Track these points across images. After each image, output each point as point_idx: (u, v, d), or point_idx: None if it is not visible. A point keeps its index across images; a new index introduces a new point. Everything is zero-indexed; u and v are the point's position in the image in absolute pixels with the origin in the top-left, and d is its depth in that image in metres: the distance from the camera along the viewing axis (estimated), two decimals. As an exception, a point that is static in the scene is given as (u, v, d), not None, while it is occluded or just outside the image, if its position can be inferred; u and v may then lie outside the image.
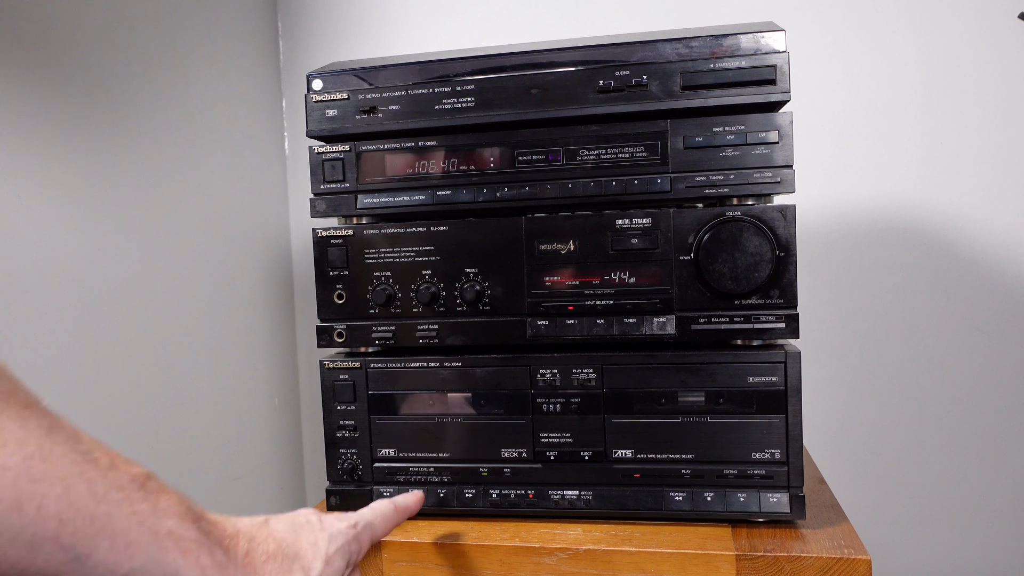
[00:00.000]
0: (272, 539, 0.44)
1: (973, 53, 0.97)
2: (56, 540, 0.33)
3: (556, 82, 0.63)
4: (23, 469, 0.32)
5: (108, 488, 0.35)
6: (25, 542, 0.32)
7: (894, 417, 1.03)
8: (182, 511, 0.38)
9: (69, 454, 0.34)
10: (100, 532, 0.34)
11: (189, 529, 0.38)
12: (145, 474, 0.38)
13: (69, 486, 0.33)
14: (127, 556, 0.35)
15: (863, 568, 0.56)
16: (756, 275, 0.59)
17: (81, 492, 0.34)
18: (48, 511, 0.32)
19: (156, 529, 0.37)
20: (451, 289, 0.65)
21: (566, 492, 0.65)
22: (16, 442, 0.32)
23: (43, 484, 0.32)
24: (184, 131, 0.92)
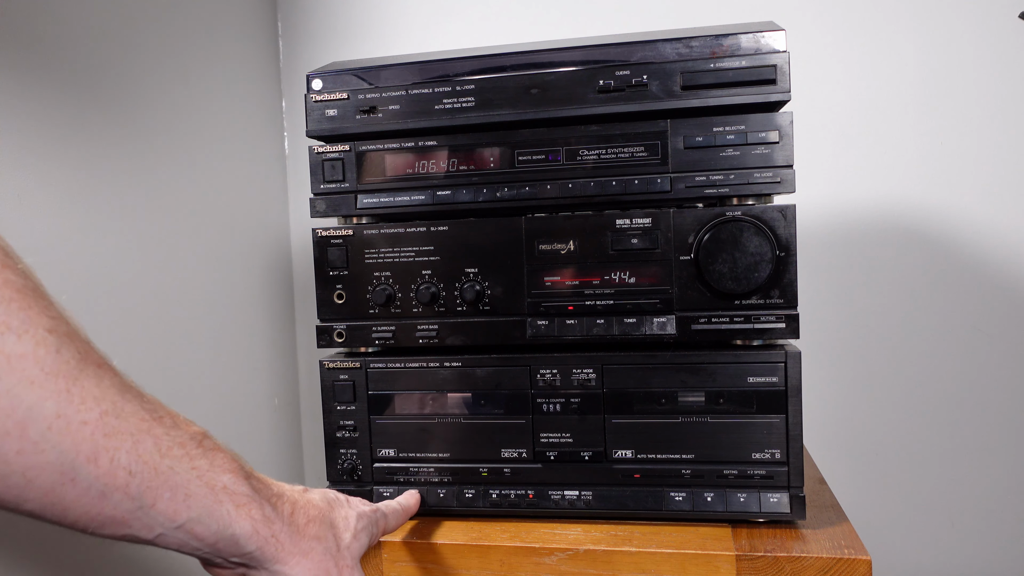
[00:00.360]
0: (312, 505, 0.47)
1: (973, 53, 0.97)
2: (125, 490, 0.35)
3: (556, 82, 0.63)
4: (99, 424, 0.34)
5: (171, 444, 0.38)
6: (98, 491, 0.34)
7: (894, 417, 1.03)
8: (235, 468, 0.42)
9: (138, 411, 0.37)
10: (163, 484, 0.37)
11: (242, 485, 0.41)
12: (202, 432, 0.41)
13: (138, 441, 0.36)
14: (185, 507, 0.38)
15: (863, 568, 0.56)
16: (756, 275, 0.59)
17: (148, 447, 0.37)
18: (120, 463, 0.35)
19: (212, 484, 0.40)
20: (451, 289, 0.65)
21: (566, 492, 0.64)
22: (93, 399, 0.34)
23: (116, 439, 0.35)
24: (184, 131, 0.92)
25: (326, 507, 0.49)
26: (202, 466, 0.39)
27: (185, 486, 0.38)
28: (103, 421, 0.34)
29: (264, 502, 0.43)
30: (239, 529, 0.41)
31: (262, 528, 0.42)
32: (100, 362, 0.36)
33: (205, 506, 0.39)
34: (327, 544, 0.46)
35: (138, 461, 0.36)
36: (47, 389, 0.32)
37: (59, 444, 0.33)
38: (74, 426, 0.33)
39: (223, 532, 0.40)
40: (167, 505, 0.37)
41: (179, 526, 0.39)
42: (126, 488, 0.35)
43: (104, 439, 0.34)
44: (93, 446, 0.34)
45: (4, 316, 0.31)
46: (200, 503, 0.39)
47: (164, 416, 0.39)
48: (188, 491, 0.38)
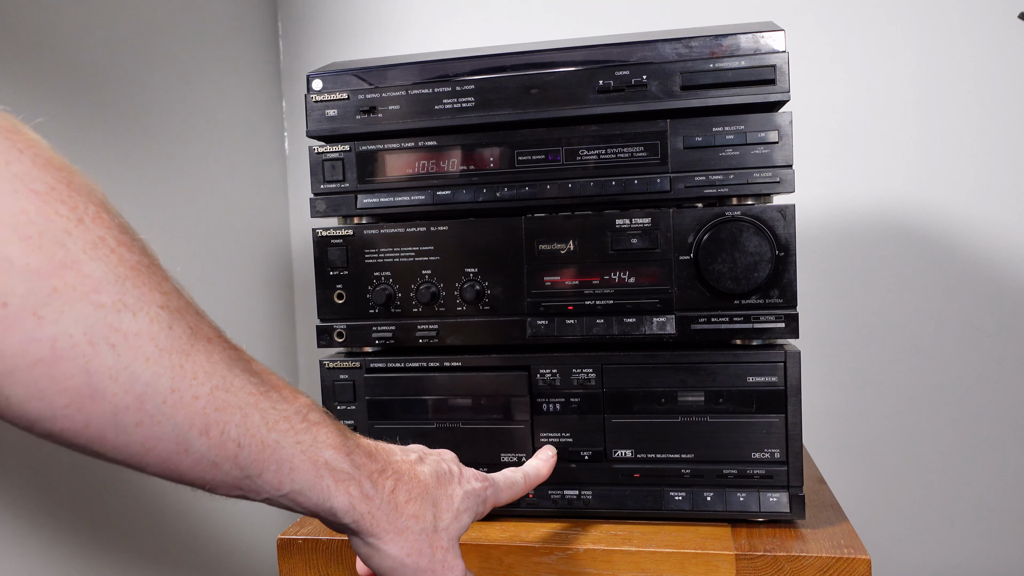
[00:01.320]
0: (417, 482, 0.47)
1: (973, 53, 0.97)
2: (234, 461, 0.37)
3: (556, 82, 0.63)
4: (210, 399, 0.36)
5: (277, 419, 0.39)
6: (210, 461, 0.36)
7: (894, 417, 1.03)
8: (338, 444, 0.43)
9: (246, 386, 0.38)
10: (269, 457, 0.39)
11: (343, 461, 0.42)
12: (308, 405, 0.42)
13: (246, 415, 0.37)
14: (289, 479, 0.40)
15: (863, 568, 0.56)
16: (756, 275, 0.59)
17: (256, 421, 0.38)
18: (229, 436, 0.37)
19: (315, 459, 0.41)
20: (451, 289, 0.65)
21: (566, 492, 0.65)
22: (204, 374, 0.35)
23: (226, 412, 0.36)
24: (184, 131, 0.92)
25: (433, 483, 0.48)
26: (305, 441, 0.41)
27: (290, 460, 0.40)
28: (213, 395, 0.36)
29: (364, 479, 0.43)
30: (337, 503, 0.42)
31: (359, 504, 0.43)
32: (210, 336, 0.37)
33: (307, 480, 0.41)
34: (424, 523, 0.46)
35: (246, 434, 0.37)
36: (162, 365, 0.33)
37: (174, 417, 0.34)
38: (187, 400, 0.34)
39: (323, 504, 0.42)
40: (273, 476, 0.39)
41: (284, 495, 0.40)
42: (235, 459, 0.37)
43: (215, 413, 0.36)
44: (205, 420, 0.35)
45: (121, 295, 0.32)
46: (303, 476, 0.40)
47: (271, 390, 0.40)
48: (292, 465, 0.40)
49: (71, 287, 0.31)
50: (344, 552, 0.64)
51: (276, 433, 0.39)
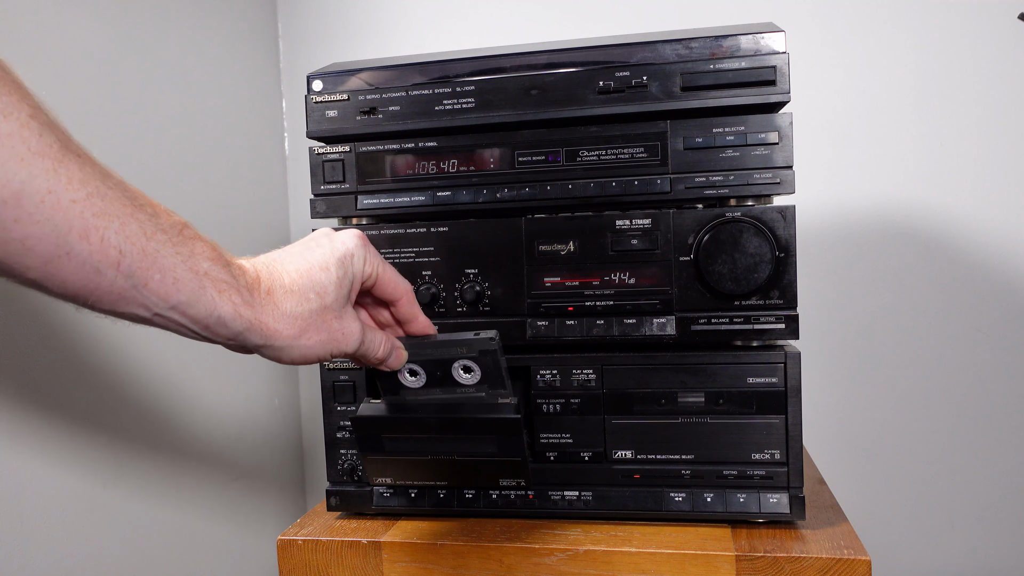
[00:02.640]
0: (288, 273, 0.49)
1: (973, 53, 0.97)
2: (117, 267, 0.38)
3: (556, 83, 0.63)
4: (87, 204, 0.36)
5: (154, 230, 0.40)
6: (93, 267, 0.37)
7: (894, 417, 1.03)
8: (215, 256, 0.44)
9: (120, 197, 0.38)
10: (152, 266, 0.39)
11: (221, 272, 0.44)
12: (183, 222, 0.43)
13: (124, 223, 0.38)
14: (175, 290, 0.41)
15: (863, 569, 0.56)
16: (756, 276, 0.60)
17: (133, 229, 0.38)
18: (110, 242, 0.37)
19: (195, 269, 0.42)
20: (451, 290, 0.65)
21: (566, 492, 0.65)
22: (79, 181, 0.36)
23: (104, 218, 0.37)
24: (184, 131, 0.92)
25: (304, 270, 0.49)
26: (184, 252, 0.41)
27: (172, 270, 0.40)
28: (90, 201, 0.36)
29: (242, 288, 0.45)
30: (223, 312, 0.43)
31: (244, 311, 0.44)
32: (80, 152, 0.37)
33: (192, 290, 0.41)
34: (308, 306, 0.48)
35: (126, 241, 0.38)
36: (36, 167, 0.34)
37: (52, 218, 0.35)
38: (64, 203, 0.35)
39: (212, 314, 0.43)
40: (158, 286, 0.40)
41: (172, 307, 0.41)
42: (118, 266, 0.38)
43: (93, 218, 0.36)
44: (83, 224, 0.36)
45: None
46: (187, 287, 0.41)
47: (145, 205, 0.40)
48: (176, 275, 0.41)
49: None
50: (344, 552, 0.64)
51: (155, 243, 0.39)
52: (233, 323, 0.44)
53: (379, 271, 0.54)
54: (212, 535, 0.95)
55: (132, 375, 0.83)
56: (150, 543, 0.84)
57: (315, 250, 0.51)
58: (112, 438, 0.80)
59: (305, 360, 0.49)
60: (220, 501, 0.97)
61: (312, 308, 0.48)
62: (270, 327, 0.46)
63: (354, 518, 0.69)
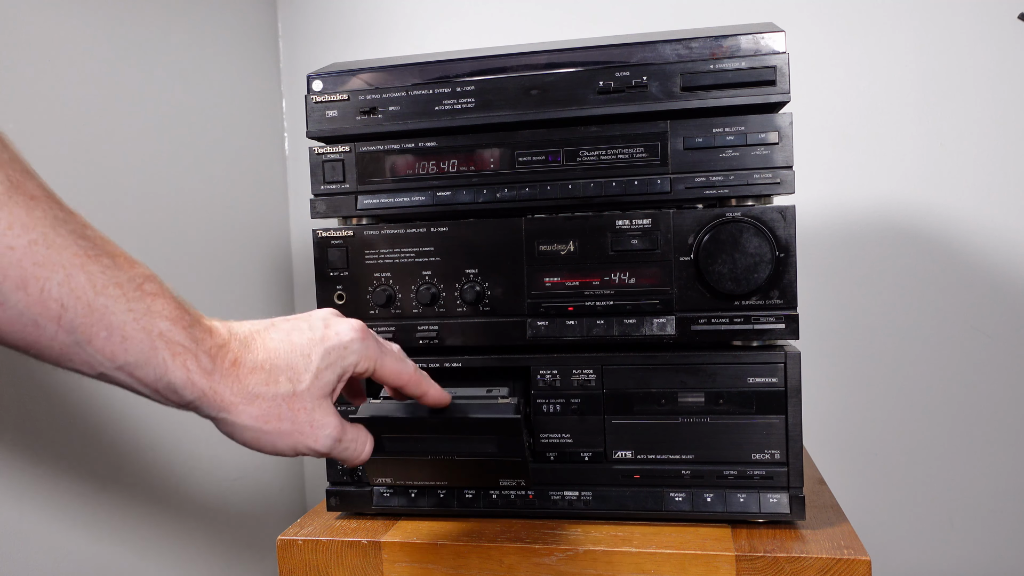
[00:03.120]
0: (264, 349, 0.45)
1: (973, 54, 0.97)
2: (58, 322, 0.35)
3: (556, 83, 0.63)
4: (27, 251, 0.34)
5: (107, 283, 0.37)
6: (31, 319, 0.35)
7: (894, 417, 1.03)
8: (175, 316, 0.40)
9: (71, 246, 0.36)
10: (98, 322, 0.37)
11: (179, 334, 0.40)
12: (144, 275, 0.40)
13: (70, 275, 0.36)
14: (122, 349, 0.38)
15: (863, 569, 0.56)
16: (756, 276, 0.60)
17: (81, 282, 0.36)
18: (50, 294, 0.35)
19: (149, 329, 0.39)
20: (451, 290, 0.65)
21: (566, 492, 0.65)
22: (21, 226, 0.34)
23: (46, 268, 0.35)
24: (184, 131, 0.92)
25: (285, 348, 0.46)
26: (138, 309, 0.38)
27: (121, 328, 0.38)
28: (31, 249, 0.34)
29: (202, 353, 0.41)
30: (175, 378, 0.40)
31: (198, 379, 0.41)
32: (35, 194, 0.35)
33: (141, 351, 0.39)
34: (278, 389, 0.44)
35: (70, 295, 0.36)
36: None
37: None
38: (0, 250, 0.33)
39: (161, 379, 0.40)
40: (104, 344, 0.37)
41: (119, 367, 0.38)
42: (59, 320, 0.35)
43: (33, 267, 0.34)
44: (21, 272, 0.34)
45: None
46: (136, 347, 0.38)
47: (102, 255, 0.37)
48: (124, 333, 0.38)
49: None
50: (344, 552, 0.64)
51: (105, 298, 0.37)
52: (185, 391, 0.41)
53: (377, 364, 0.50)
54: (212, 535, 0.95)
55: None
56: (150, 543, 0.84)
57: (304, 332, 0.47)
58: (111, 439, 0.80)
59: (263, 448, 0.45)
60: (220, 501, 0.97)
61: (279, 392, 0.44)
62: (225, 399, 0.42)
63: (354, 518, 0.69)
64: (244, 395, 0.43)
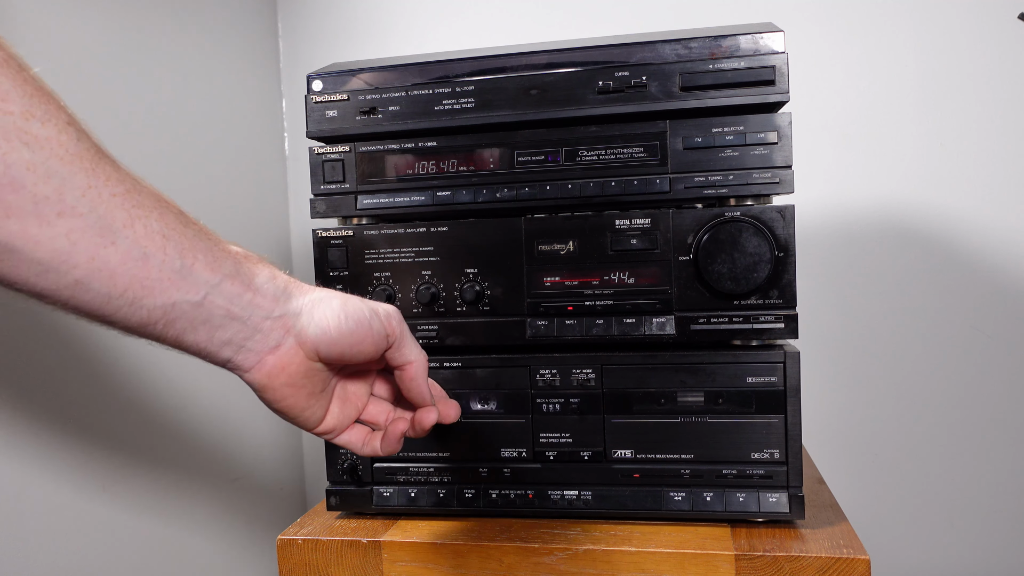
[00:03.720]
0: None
1: (973, 53, 0.97)
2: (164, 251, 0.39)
3: (555, 83, 0.63)
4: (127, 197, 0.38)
5: (188, 220, 0.42)
6: (140, 253, 0.38)
7: (893, 417, 1.03)
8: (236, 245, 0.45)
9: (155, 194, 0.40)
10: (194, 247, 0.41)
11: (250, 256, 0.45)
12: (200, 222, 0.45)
13: (163, 213, 0.40)
14: (219, 266, 0.42)
15: (862, 568, 0.56)
16: (755, 275, 0.60)
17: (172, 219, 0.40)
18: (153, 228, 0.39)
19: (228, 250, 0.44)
20: (451, 289, 0.66)
21: (566, 492, 0.65)
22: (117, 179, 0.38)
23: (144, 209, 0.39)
24: (184, 131, 0.92)
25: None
26: (214, 238, 0.43)
27: (211, 251, 0.42)
28: (129, 196, 0.38)
29: (272, 266, 0.47)
30: (260, 278, 0.44)
31: (278, 273, 0.46)
32: (112, 159, 0.39)
33: (233, 265, 0.43)
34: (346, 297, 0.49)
35: (168, 227, 0.39)
36: (75, 166, 0.36)
37: (95, 208, 0.36)
38: (105, 196, 0.37)
39: (252, 279, 0.44)
40: (203, 267, 0.41)
41: (218, 283, 0.42)
42: (165, 249, 0.39)
43: (134, 208, 0.38)
44: (127, 214, 0.37)
45: (29, 106, 0.34)
46: (227, 263, 0.43)
47: (172, 204, 0.42)
48: (215, 255, 0.42)
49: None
50: (344, 552, 0.64)
51: (191, 230, 0.41)
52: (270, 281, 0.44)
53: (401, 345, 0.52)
54: (212, 535, 0.95)
55: (131, 375, 0.83)
56: (150, 543, 0.85)
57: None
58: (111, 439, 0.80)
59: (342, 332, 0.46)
60: (220, 501, 0.97)
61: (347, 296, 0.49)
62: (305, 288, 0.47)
63: (354, 518, 0.69)
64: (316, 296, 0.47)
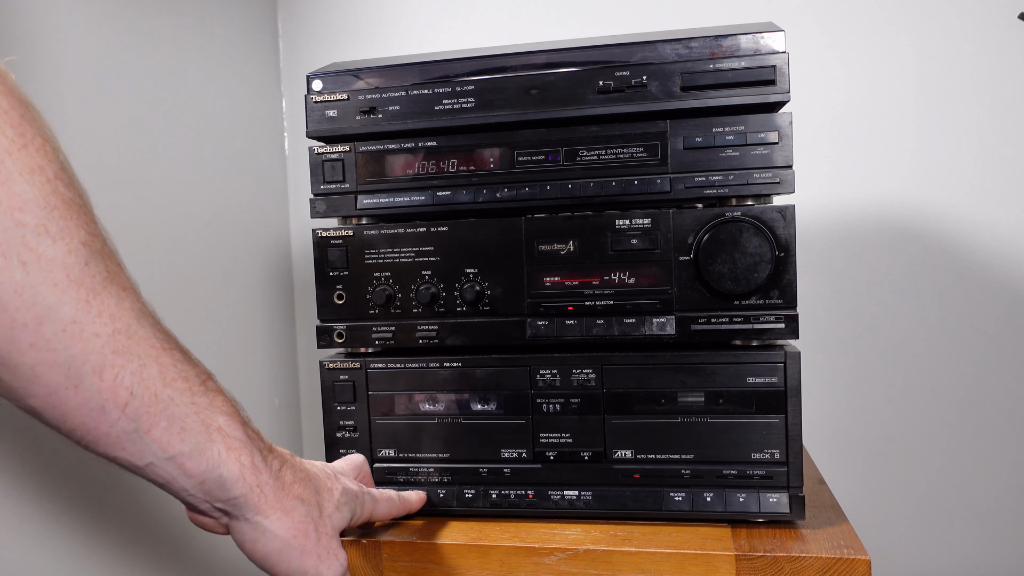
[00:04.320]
0: (301, 468, 0.48)
1: (973, 54, 0.97)
2: (123, 409, 0.37)
3: (556, 82, 0.63)
4: (110, 340, 0.36)
5: (175, 376, 0.39)
6: (98, 404, 0.36)
7: (894, 417, 1.03)
8: (232, 412, 0.43)
9: (150, 338, 0.38)
10: (161, 412, 0.38)
11: (236, 430, 0.42)
12: (207, 372, 0.43)
13: (144, 365, 0.38)
14: (179, 439, 0.39)
15: (863, 568, 0.56)
16: (756, 275, 0.59)
17: (152, 373, 0.38)
18: (122, 382, 0.37)
19: (208, 422, 0.41)
20: (451, 289, 0.65)
21: (566, 492, 0.65)
22: (109, 316, 0.36)
23: (124, 357, 0.37)
24: (183, 131, 0.92)
25: (315, 472, 0.49)
26: (201, 403, 0.41)
27: (182, 419, 0.39)
28: (114, 338, 0.36)
29: (255, 451, 0.43)
30: (227, 471, 0.41)
31: (249, 475, 0.43)
32: (126, 285, 0.37)
33: (197, 442, 0.40)
34: (309, 507, 0.47)
35: (141, 384, 0.37)
36: (68, 295, 0.34)
37: (69, 348, 0.34)
38: (87, 335, 0.35)
39: (211, 472, 0.41)
40: (162, 434, 0.39)
41: (170, 457, 0.39)
42: (125, 407, 0.37)
43: (112, 355, 0.36)
44: (101, 359, 0.36)
45: (45, 220, 0.33)
46: (193, 438, 0.40)
47: (175, 349, 0.40)
48: (184, 424, 0.39)
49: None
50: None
51: (171, 390, 0.39)
52: (234, 485, 0.42)
53: (372, 514, 0.57)
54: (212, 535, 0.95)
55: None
56: (150, 544, 0.84)
57: (324, 468, 0.52)
58: (112, 438, 0.80)
59: (277, 564, 0.45)
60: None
61: (311, 510, 0.47)
62: (268, 501, 0.44)
63: (354, 518, 0.69)
64: (283, 503, 0.45)
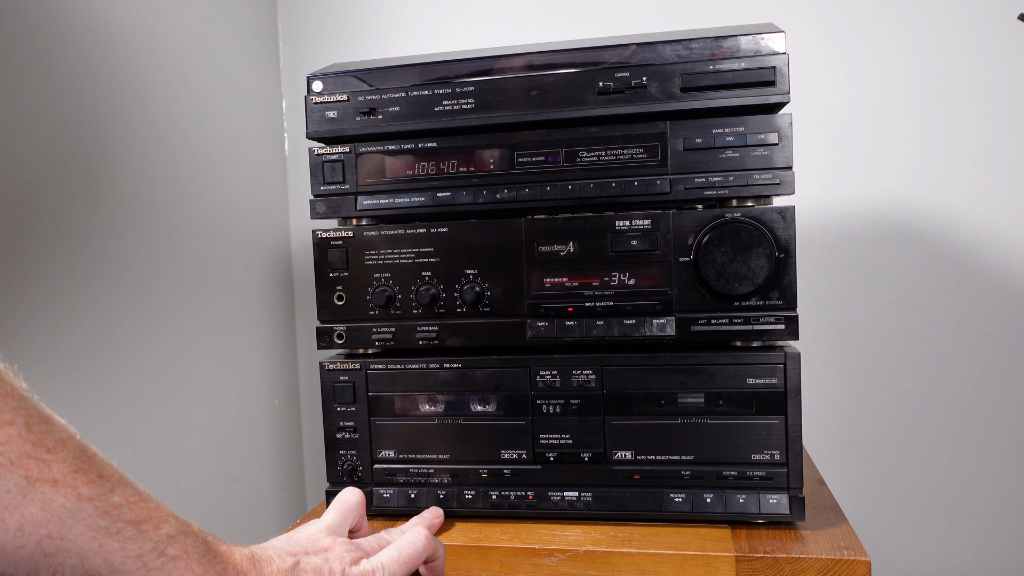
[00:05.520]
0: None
1: (973, 53, 0.97)
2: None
3: (556, 84, 0.63)
4: (38, 547, 0.35)
5: (125, 559, 0.37)
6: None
7: (894, 418, 1.03)
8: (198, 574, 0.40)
9: (88, 531, 0.36)
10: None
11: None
12: (169, 536, 0.40)
13: (84, 559, 0.36)
14: None
15: (863, 569, 0.56)
16: (755, 277, 0.59)
17: (96, 564, 0.36)
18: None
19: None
20: (451, 290, 0.66)
21: (566, 493, 0.65)
22: (33, 524, 0.35)
23: (58, 557, 0.35)
24: (183, 131, 0.92)
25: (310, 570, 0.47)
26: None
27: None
28: (42, 544, 0.35)
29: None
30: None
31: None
32: (58, 478, 0.36)
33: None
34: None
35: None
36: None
37: None
38: (9, 550, 0.34)
39: None
40: None
41: None
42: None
43: (44, 558, 0.35)
44: (33, 564, 0.35)
45: None
46: None
47: (126, 526, 0.38)
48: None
49: None
50: (344, 553, 0.64)
51: (120, 574, 0.37)
52: None
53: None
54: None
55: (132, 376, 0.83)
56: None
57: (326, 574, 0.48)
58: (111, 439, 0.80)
59: None
60: (220, 501, 0.97)
61: None
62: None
63: (354, 519, 0.69)
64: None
